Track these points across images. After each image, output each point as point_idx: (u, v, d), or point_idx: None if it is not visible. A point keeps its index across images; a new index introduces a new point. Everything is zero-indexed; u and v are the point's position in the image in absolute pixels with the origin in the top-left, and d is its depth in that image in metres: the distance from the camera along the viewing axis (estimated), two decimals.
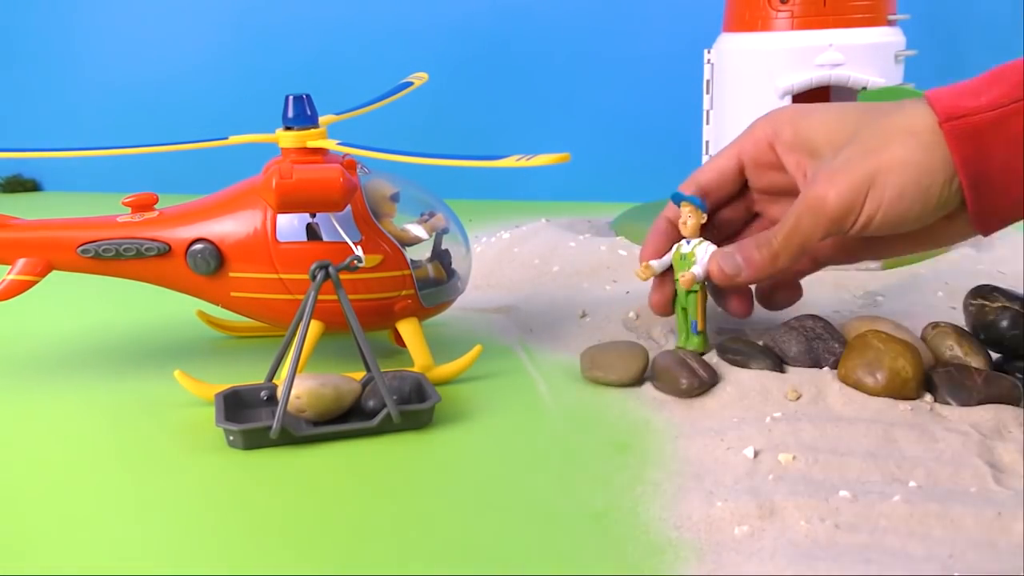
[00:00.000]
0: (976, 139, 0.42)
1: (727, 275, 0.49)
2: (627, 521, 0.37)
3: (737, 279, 0.49)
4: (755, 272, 0.48)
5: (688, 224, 0.51)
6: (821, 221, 0.45)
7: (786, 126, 0.49)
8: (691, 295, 0.52)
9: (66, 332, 0.63)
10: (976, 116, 0.42)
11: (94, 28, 1.14)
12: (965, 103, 0.42)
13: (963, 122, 0.42)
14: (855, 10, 0.69)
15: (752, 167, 0.51)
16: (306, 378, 0.45)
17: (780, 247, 0.47)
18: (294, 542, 0.36)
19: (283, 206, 0.49)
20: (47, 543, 0.37)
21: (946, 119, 0.42)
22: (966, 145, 0.42)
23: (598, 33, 1.00)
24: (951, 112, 0.42)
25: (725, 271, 0.49)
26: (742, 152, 0.51)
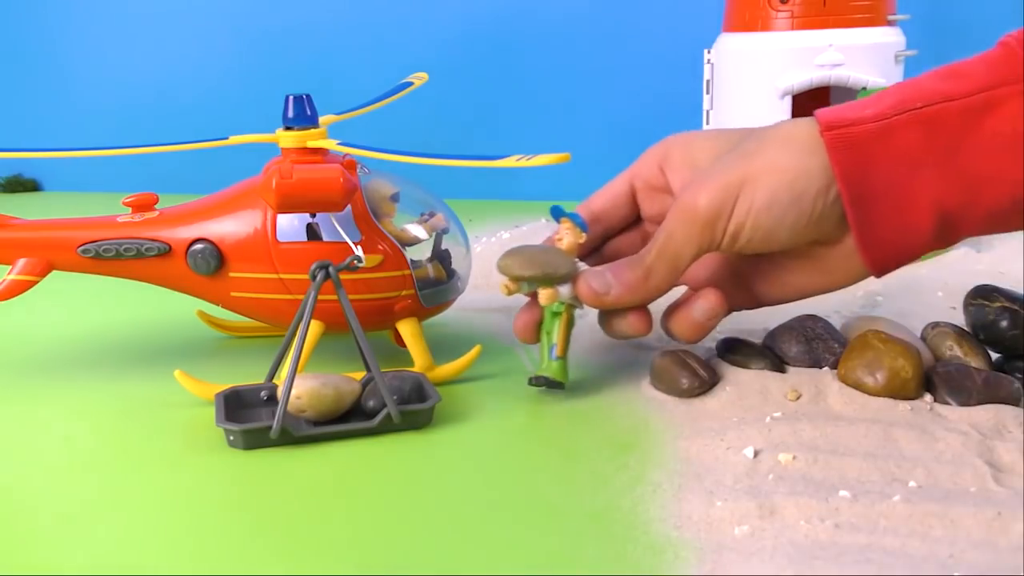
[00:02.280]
0: (857, 150, 0.40)
1: (596, 293, 0.45)
2: (627, 521, 0.37)
3: (606, 299, 0.45)
4: (626, 290, 0.45)
5: (564, 241, 0.47)
6: (692, 229, 0.42)
7: (676, 149, 0.47)
8: (555, 318, 0.48)
9: (66, 332, 0.63)
10: (858, 127, 0.40)
11: (94, 28, 1.14)
12: (849, 114, 0.41)
13: (844, 131, 0.40)
14: (855, 10, 0.69)
15: (644, 191, 0.49)
16: (306, 378, 0.45)
17: (653, 262, 0.44)
18: (294, 542, 0.36)
19: (283, 206, 0.49)
20: (47, 543, 0.37)
21: (827, 128, 0.40)
22: (846, 155, 0.40)
23: (598, 33, 1.00)
24: (833, 122, 0.40)
25: (594, 289, 0.45)
26: (634, 176, 0.49)
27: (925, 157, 0.40)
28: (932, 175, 0.40)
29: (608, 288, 0.45)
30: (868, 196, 0.40)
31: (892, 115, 0.40)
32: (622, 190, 0.50)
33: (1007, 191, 0.40)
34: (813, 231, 0.42)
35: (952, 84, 0.40)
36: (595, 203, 0.50)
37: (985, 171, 0.39)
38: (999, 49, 0.41)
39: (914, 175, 0.40)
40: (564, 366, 0.48)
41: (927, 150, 0.40)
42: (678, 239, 0.43)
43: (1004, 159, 0.39)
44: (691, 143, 0.47)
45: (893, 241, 0.41)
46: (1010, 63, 0.40)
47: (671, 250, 0.44)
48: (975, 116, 0.39)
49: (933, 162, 0.40)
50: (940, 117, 0.39)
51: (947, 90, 0.40)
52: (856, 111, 0.41)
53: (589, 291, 0.46)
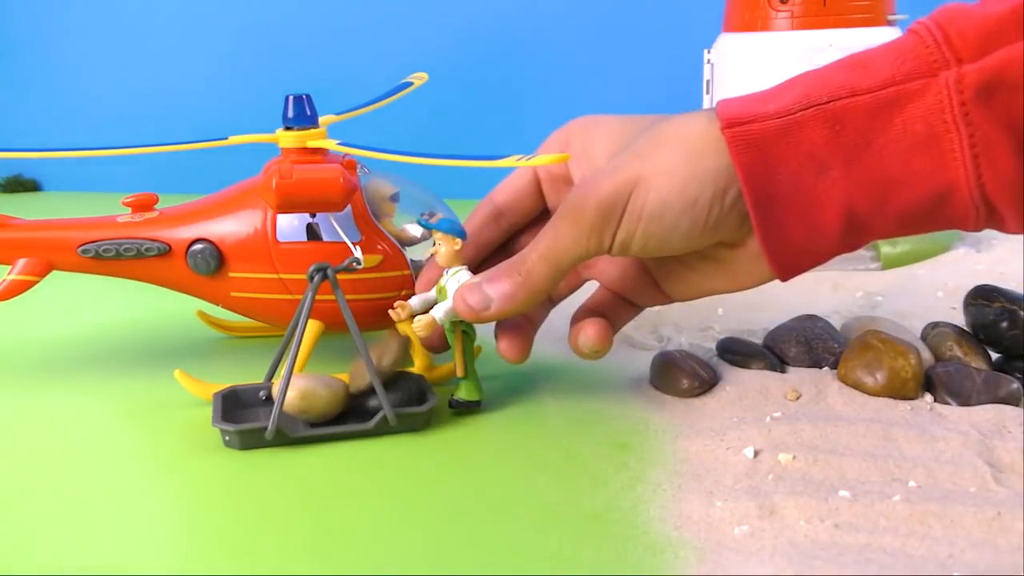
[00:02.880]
0: (760, 148, 0.37)
1: (474, 309, 0.42)
2: (627, 521, 0.37)
3: (486, 314, 0.42)
4: (508, 302, 0.41)
5: (441, 252, 0.44)
6: (580, 231, 0.39)
7: (576, 138, 0.45)
8: (451, 336, 0.46)
9: (66, 332, 0.63)
10: (761, 123, 0.37)
11: (94, 28, 1.14)
12: (752, 109, 0.37)
13: (746, 128, 0.37)
14: (855, 10, 0.69)
15: (548, 182, 0.46)
16: (304, 379, 0.45)
17: (534, 265, 0.41)
18: (291, 543, 0.36)
19: (283, 206, 0.49)
20: (46, 542, 0.37)
21: (727, 125, 0.37)
22: (748, 154, 0.37)
23: (598, 33, 1.00)
24: (733, 119, 0.37)
25: (472, 307, 0.42)
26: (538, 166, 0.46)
27: (832, 157, 0.37)
28: (839, 176, 0.37)
29: (487, 303, 0.42)
30: (772, 199, 0.37)
31: (796, 111, 0.37)
32: (526, 181, 0.47)
33: (920, 193, 0.37)
34: (711, 236, 0.39)
35: (858, 76, 0.37)
36: (498, 196, 0.47)
37: (896, 172, 0.37)
38: (908, 37, 0.37)
39: (820, 176, 0.37)
40: (472, 384, 0.47)
41: (833, 149, 0.37)
42: (563, 241, 0.40)
43: (916, 159, 0.36)
44: (591, 131, 0.44)
45: (799, 245, 0.39)
46: (920, 54, 0.36)
47: (555, 252, 0.41)
48: (883, 113, 0.36)
49: (840, 162, 0.37)
50: (847, 113, 0.36)
51: (853, 83, 0.37)
52: (759, 105, 0.38)
53: (467, 309, 0.42)
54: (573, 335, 0.45)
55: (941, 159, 0.36)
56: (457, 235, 0.44)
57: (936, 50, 0.36)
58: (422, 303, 0.46)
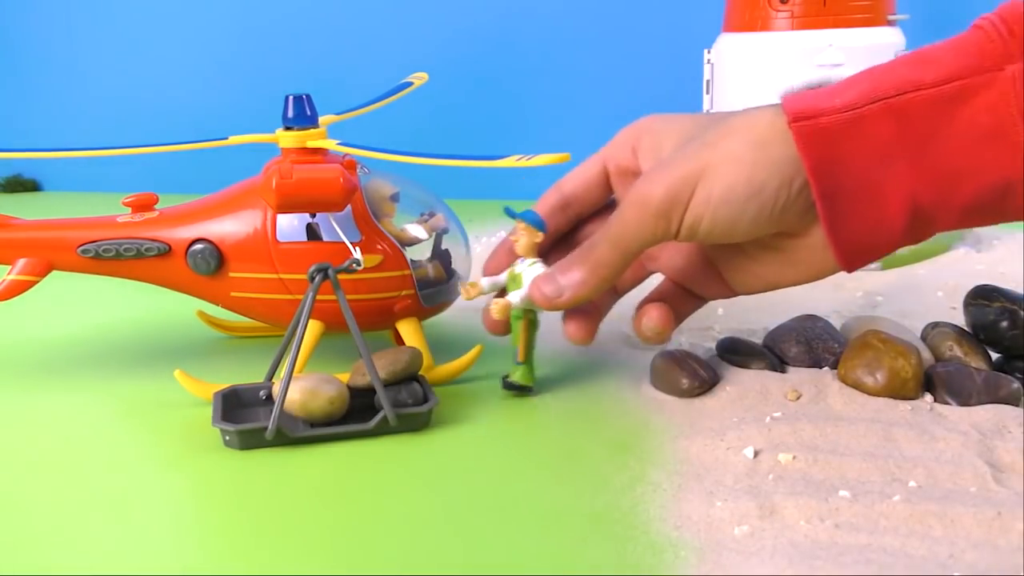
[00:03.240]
0: (828, 142, 0.38)
1: (548, 298, 0.44)
2: (627, 521, 0.37)
3: (559, 302, 0.44)
4: (580, 290, 0.43)
5: (521, 243, 0.46)
6: (646, 219, 0.40)
7: (647, 133, 0.45)
8: (518, 321, 0.47)
9: (66, 332, 0.63)
10: (828, 117, 0.38)
11: (94, 28, 1.14)
12: (818, 103, 0.38)
13: (813, 123, 0.38)
14: (855, 10, 0.69)
15: (617, 174, 0.47)
16: (305, 379, 0.45)
17: (604, 254, 0.42)
18: (291, 543, 0.36)
19: (283, 206, 0.49)
20: (46, 542, 0.37)
21: (795, 119, 0.38)
22: (816, 147, 0.38)
23: (598, 33, 1.00)
24: (801, 112, 0.38)
25: (545, 293, 0.44)
26: (607, 159, 0.47)
27: (897, 150, 0.38)
28: (905, 169, 0.38)
29: (561, 292, 0.43)
30: (839, 191, 0.38)
31: (862, 105, 0.38)
32: (595, 172, 0.47)
33: (985, 184, 0.37)
34: (776, 223, 0.40)
35: (923, 71, 0.38)
36: (567, 186, 0.48)
37: (961, 164, 0.37)
38: (972, 32, 0.38)
39: (886, 169, 0.38)
40: (528, 370, 0.49)
41: (899, 142, 0.37)
42: (631, 227, 0.41)
43: (981, 152, 0.37)
44: (660, 127, 0.45)
45: (865, 237, 0.39)
46: (983, 49, 0.37)
47: (624, 239, 0.42)
48: (948, 106, 0.37)
49: (906, 155, 0.38)
50: (912, 107, 0.37)
51: (918, 78, 0.37)
52: (825, 100, 0.38)
53: (543, 298, 0.44)
54: (637, 319, 0.46)
55: (1007, 151, 0.37)
56: (540, 229, 0.46)
57: (1001, 44, 0.37)
58: (491, 285, 0.48)
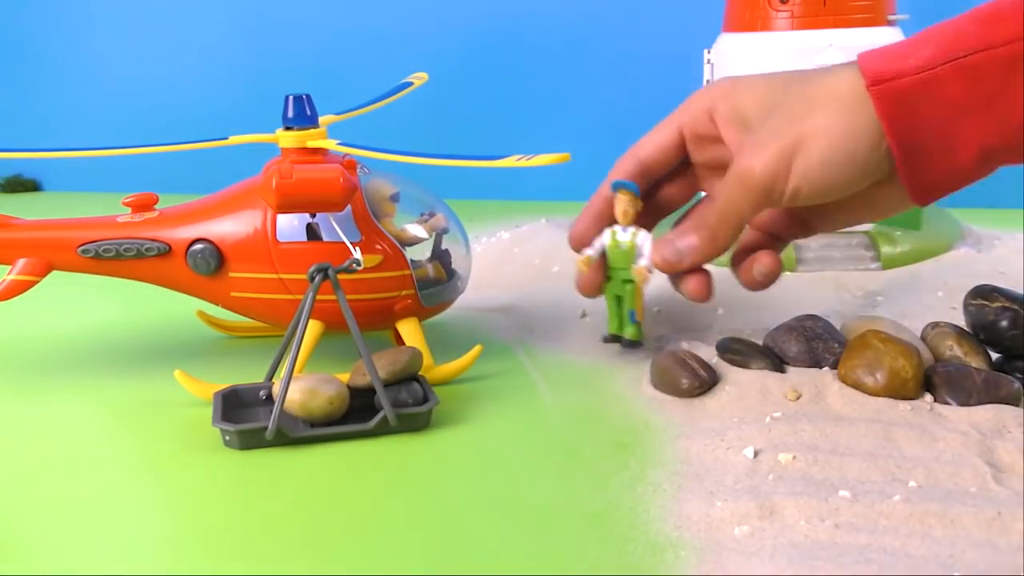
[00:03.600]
0: (904, 102, 0.41)
1: (670, 263, 0.47)
2: (627, 521, 0.37)
3: (681, 265, 0.47)
4: (697, 255, 0.47)
5: (628, 212, 0.49)
6: (751, 193, 0.44)
7: (722, 98, 0.48)
8: (628, 284, 0.50)
9: (66, 332, 0.63)
10: (904, 79, 0.40)
11: (94, 28, 1.14)
12: (894, 65, 0.41)
13: (890, 85, 0.41)
14: (855, 10, 0.69)
15: (693, 140, 0.49)
16: (305, 379, 0.45)
17: (716, 225, 0.46)
18: (291, 543, 0.36)
19: (283, 206, 0.49)
20: (45, 543, 0.37)
21: (873, 82, 0.41)
22: (894, 109, 0.41)
23: (598, 33, 1.00)
24: (878, 75, 0.41)
25: (668, 259, 0.47)
26: (683, 125, 0.49)
27: (969, 105, 0.40)
28: (975, 122, 0.40)
29: (680, 257, 0.47)
30: (916, 146, 0.41)
31: (936, 65, 0.40)
32: (671, 139, 0.50)
33: None
34: (867, 180, 0.43)
35: (992, 30, 0.40)
36: (642, 151, 0.50)
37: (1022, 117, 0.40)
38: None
39: (958, 123, 0.41)
40: (640, 327, 0.52)
41: (971, 99, 0.40)
42: (737, 203, 0.45)
43: None
44: (734, 93, 0.47)
45: (937, 180, 0.43)
46: None
47: (732, 213, 0.45)
48: (1017, 64, 0.40)
49: (976, 110, 0.40)
50: (984, 65, 0.40)
51: (989, 37, 0.40)
52: (899, 61, 0.41)
53: (664, 262, 0.48)
54: (746, 267, 0.49)
55: None
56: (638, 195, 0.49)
57: None
58: (598, 252, 0.50)
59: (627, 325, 0.51)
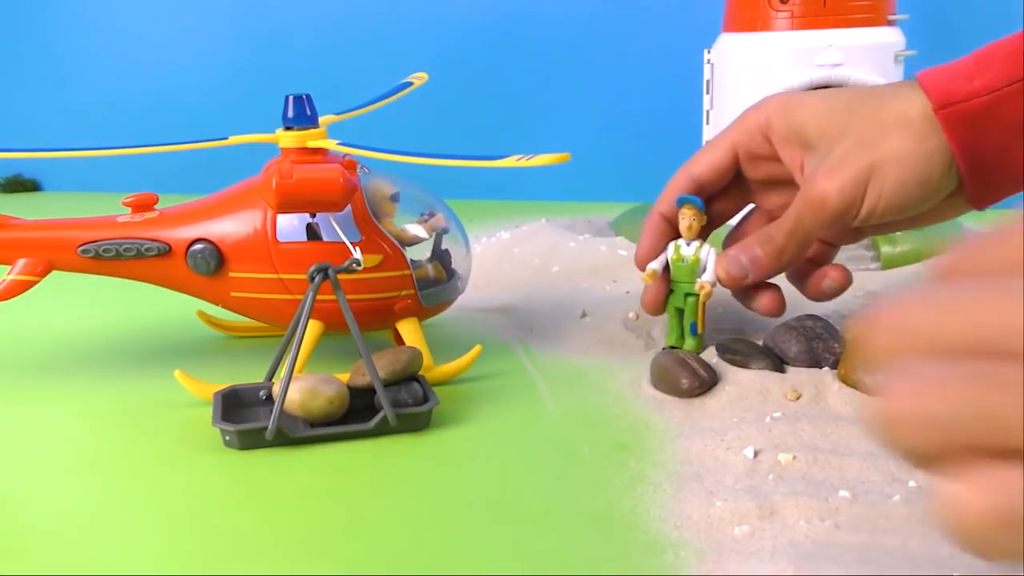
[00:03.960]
0: (972, 124, 0.42)
1: (735, 278, 0.49)
2: (627, 521, 0.37)
3: (745, 280, 0.49)
4: (761, 271, 0.48)
5: (692, 227, 0.51)
6: (823, 217, 0.45)
7: (778, 117, 0.48)
8: (690, 297, 0.52)
9: (66, 332, 0.63)
10: (971, 101, 0.42)
11: (94, 28, 1.14)
12: (959, 88, 0.42)
13: (958, 108, 0.42)
14: (855, 10, 0.69)
15: (747, 159, 0.50)
16: (305, 379, 0.45)
17: (784, 243, 0.47)
18: (291, 543, 0.36)
19: (283, 206, 0.49)
20: (45, 543, 0.37)
21: (940, 106, 0.42)
22: (962, 131, 0.42)
23: (598, 33, 1.00)
24: (945, 99, 0.42)
25: (732, 274, 0.49)
26: (736, 144, 0.50)
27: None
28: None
29: (745, 273, 0.48)
30: (981, 163, 0.43)
31: (1002, 87, 0.42)
32: (725, 158, 0.50)
33: None
34: (937, 199, 0.44)
35: None
36: (696, 169, 0.51)
37: None
38: None
39: (1018, 138, 0.42)
40: (701, 340, 0.52)
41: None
42: (808, 224, 0.46)
43: None
44: (791, 111, 0.48)
45: (999, 190, 0.45)
46: None
47: (801, 233, 0.46)
48: None
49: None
50: None
51: None
52: (964, 82, 0.42)
53: (729, 277, 0.49)
54: (815, 282, 0.51)
55: None
56: (703, 210, 0.51)
57: None
58: (661, 266, 0.52)
59: (688, 337, 0.52)
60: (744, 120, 0.50)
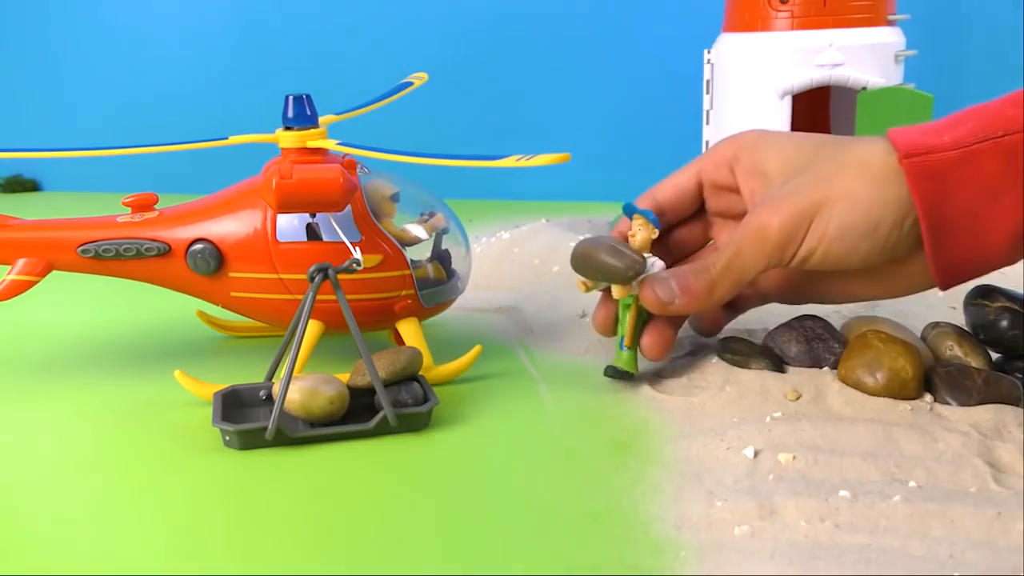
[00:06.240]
0: (937, 178, 0.40)
1: (661, 303, 0.46)
2: (627, 521, 0.37)
3: (670, 308, 0.46)
4: (691, 301, 0.45)
5: (637, 237, 0.47)
6: (763, 249, 0.43)
7: (746, 151, 0.47)
8: (626, 310, 0.49)
9: (66, 332, 0.63)
10: (938, 154, 0.39)
11: (94, 28, 1.14)
12: (927, 140, 0.40)
13: (924, 159, 0.40)
14: (855, 10, 0.69)
15: (711, 188, 0.49)
16: (305, 379, 0.45)
17: (718, 276, 0.45)
18: (291, 543, 0.36)
19: (283, 206, 0.49)
20: (45, 543, 0.37)
21: (906, 155, 0.40)
22: (926, 183, 0.40)
23: (598, 33, 1.01)
24: (911, 148, 0.40)
25: (660, 297, 0.46)
26: (702, 172, 0.49)
27: (1005, 185, 0.39)
28: (1011, 202, 0.39)
29: (673, 298, 0.46)
30: (946, 222, 0.40)
31: (973, 143, 0.39)
32: (689, 186, 0.49)
33: None
34: (886, 256, 0.42)
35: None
36: (660, 195, 0.50)
37: None
38: None
39: (993, 202, 0.39)
40: (634, 356, 0.50)
41: (1007, 178, 0.39)
42: (746, 257, 0.44)
43: None
44: (759, 147, 0.47)
45: (966, 262, 0.41)
46: None
47: (738, 266, 0.44)
48: None
49: (1011, 190, 0.39)
50: (1019, 146, 0.39)
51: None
52: (933, 136, 0.40)
53: (655, 299, 0.46)
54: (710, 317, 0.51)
55: None
56: (656, 226, 0.48)
57: None
58: None
59: (618, 353, 0.50)
60: (714, 150, 0.49)
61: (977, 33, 0.94)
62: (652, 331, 0.49)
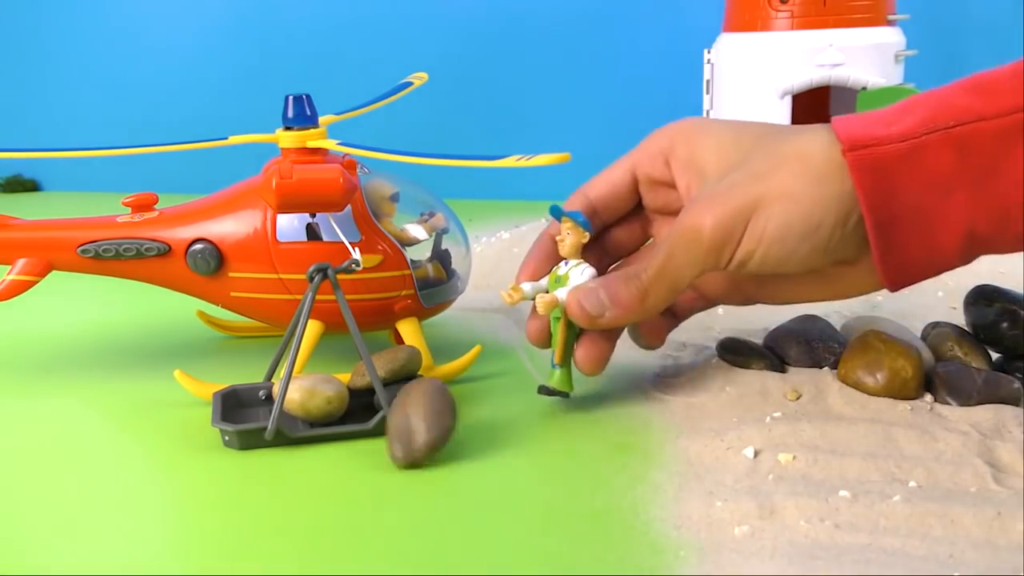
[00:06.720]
0: (883, 172, 0.36)
1: (589, 316, 0.42)
2: (627, 521, 0.37)
3: (600, 321, 0.42)
4: (623, 313, 0.42)
5: (567, 242, 0.44)
6: (697, 252, 0.39)
7: (682, 143, 0.43)
8: (555, 323, 0.45)
9: (66, 332, 0.63)
10: (884, 146, 0.36)
11: (94, 28, 1.14)
12: (873, 131, 0.37)
13: (869, 152, 0.36)
14: (855, 10, 0.69)
15: (647, 183, 0.45)
16: (304, 379, 0.45)
17: (650, 283, 0.41)
18: (291, 543, 0.36)
19: (283, 206, 0.49)
20: (45, 543, 0.37)
21: (850, 148, 0.36)
22: (871, 178, 0.36)
23: (598, 33, 1.01)
24: (855, 141, 0.36)
25: (587, 310, 0.42)
26: (637, 166, 0.45)
27: (956, 181, 0.36)
28: (963, 199, 0.36)
29: (602, 310, 0.42)
30: (893, 221, 0.37)
31: (921, 134, 0.36)
32: (623, 181, 0.46)
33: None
34: (829, 257, 0.39)
35: (984, 101, 0.36)
36: (592, 192, 0.46)
37: (1020, 197, 0.36)
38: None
39: (944, 199, 0.36)
40: (566, 374, 0.46)
41: (959, 173, 0.36)
42: (679, 260, 0.40)
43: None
44: (696, 138, 0.43)
45: (916, 262, 0.38)
46: None
47: (671, 271, 0.41)
48: (1010, 138, 0.35)
49: (964, 187, 0.36)
50: (973, 138, 0.36)
51: (979, 108, 0.36)
52: (880, 127, 0.37)
53: (582, 313, 0.42)
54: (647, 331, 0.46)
55: None
56: (587, 229, 0.44)
57: None
58: (533, 289, 0.46)
59: (551, 372, 0.46)
60: (648, 141, 0.45)
61: (977, 33, 0.94)
62: (586, 344, 0.45)
